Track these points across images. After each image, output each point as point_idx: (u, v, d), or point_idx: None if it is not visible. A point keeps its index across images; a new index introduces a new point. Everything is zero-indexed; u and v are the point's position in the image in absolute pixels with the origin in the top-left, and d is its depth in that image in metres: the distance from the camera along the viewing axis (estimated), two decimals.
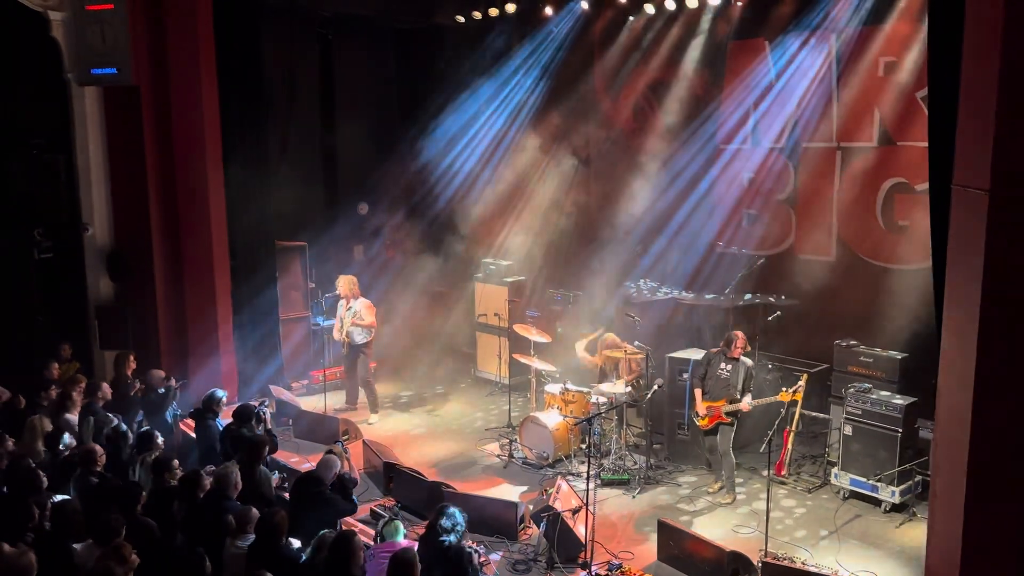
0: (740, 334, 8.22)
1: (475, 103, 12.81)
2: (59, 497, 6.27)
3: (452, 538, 5.93)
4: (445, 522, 5.96)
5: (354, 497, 7.00)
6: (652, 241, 11.32)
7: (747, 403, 8.05)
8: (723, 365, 8.21)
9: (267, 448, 7.29)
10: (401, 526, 6.36)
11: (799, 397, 7.81)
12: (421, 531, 6.47)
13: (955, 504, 5.49)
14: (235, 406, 8.31)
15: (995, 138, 5.01)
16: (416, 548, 5.86)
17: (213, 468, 6.90)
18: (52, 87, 10.28)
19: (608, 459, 8.97)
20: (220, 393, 8.47)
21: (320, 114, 13.19)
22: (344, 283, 10.61)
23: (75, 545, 5.55)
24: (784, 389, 7.86)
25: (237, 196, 10.78)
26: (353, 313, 10.48)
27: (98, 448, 6.88)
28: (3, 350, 9.82)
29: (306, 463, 8.75)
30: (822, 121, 10.00)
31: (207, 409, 8.33)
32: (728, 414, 8.15)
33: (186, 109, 10.19)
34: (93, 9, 9.81)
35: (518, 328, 10.31)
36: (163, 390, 8.90)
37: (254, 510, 5.92)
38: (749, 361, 8.29)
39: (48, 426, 7.62)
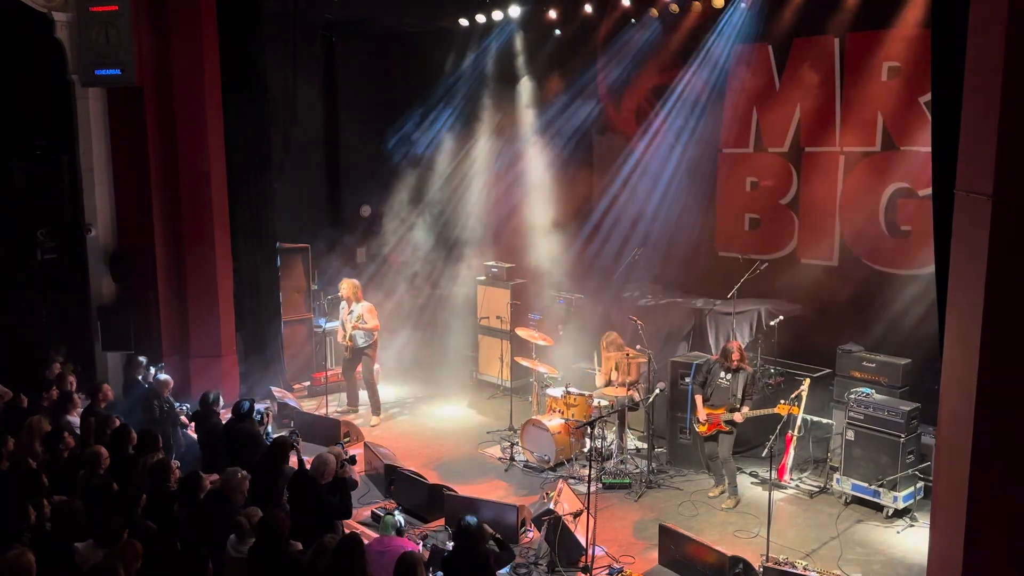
0: (735, 345, 8.21)
1: (478, 106, 12.83)
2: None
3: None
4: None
5: (348, 500, 6.80)
6: (654, 245, 11.31)
7: (742, 414, 8.03)
8: (723, 374, 8.20)
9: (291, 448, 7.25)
10: (394, 521, 6.29)
11: (796, 411, 7.78)
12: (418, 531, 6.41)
13: (957, 510, 5.47)
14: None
15: (999, 143, 4.99)
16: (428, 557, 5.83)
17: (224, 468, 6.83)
18: (56, 88, 10.30)
19: (610, 463, 8.96)
20: (213, 393, 8.49)
21: (323, 116, 13.22)
22: (347, 286, 10.62)
23: (76, 544, 5.54)
24: (782, 401, 7.84)
25: (239, 197, 10.80)
26: (355, 317, 10.49)
27: (103, 451, 6.87)
28: (5, 350, 9.82)
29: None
30: (825, 125, 9.99)
31: (207, 410, 8.33)
32: (726, 423, 8.14)
33: (189, 110, 10.21)
34: (97, 10, 9.82)
35: (520, 332, 10.31)
36: (168, 406, 8.92)
37: (257, 512, 5.90)
38: (749, 369, 8.26)
39: (47, 427, 7.60)
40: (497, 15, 11.83)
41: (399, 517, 6.37)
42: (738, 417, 8.03)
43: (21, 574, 4.83)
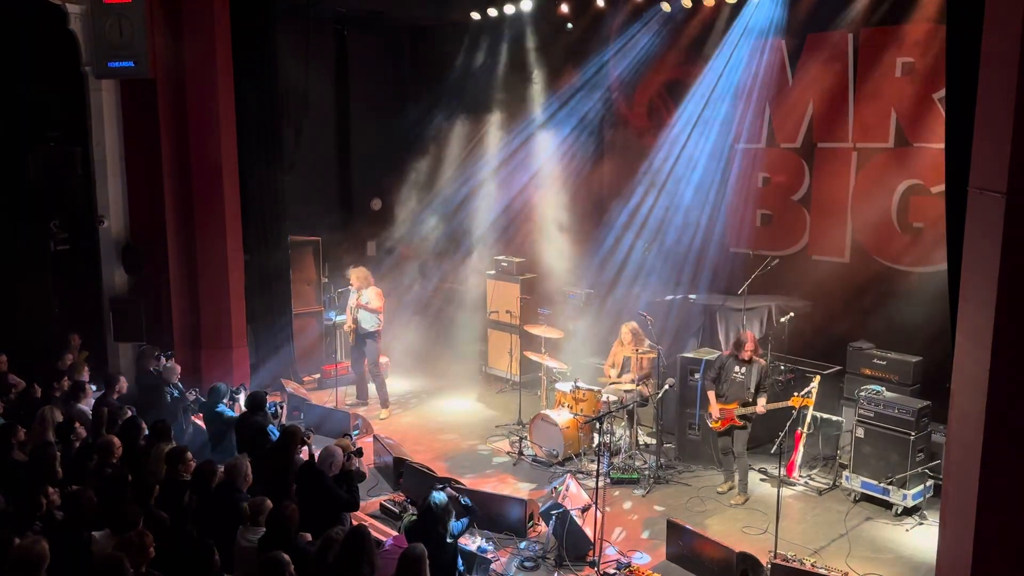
0: (750, 335, 8.19)
1: (489, 100, 12.82)
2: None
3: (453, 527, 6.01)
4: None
5: (356, 493, 6.83)
6: (665, 240, 11.29)
7: (762, 406, 8.00)
8: (737, 368, 8.17)
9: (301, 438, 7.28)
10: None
11: (810, 402, 7.77)
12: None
13: (966, 509, 5.45)
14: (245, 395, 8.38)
15: (1013, 141, 4.95)
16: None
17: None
18: (69, 80, 10.35)
19: (618, 458, 8.96)
20: (223, 385, 8.53)
21: (335, 109, 13.24)
22: (355, 275, 10.66)
23: (94, 533, 5.57)
24: (795, 394, 7.82)
25: (251, 190, 10.84)
26: (363, 299, 10.52)
27: (116, 440, 6.92)
28: (19, 340, 9.89)
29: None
30: (838, 121, 9.94)
31: (214, 401, 8.37)
32: (741, 417, 8.12)
33: (202, 103, 10.24)
34: (111, 2, 9.83)
35: (530, 329, 10.33)
36: (177, 392, 8.97)
37: (267, 502, 5.93)
38: (763, 362, 8.25)
39: (59, 417, 7.65)
40: (509, 9, 11.80)
41: None
42: (759, 409, 8.00)
43: (35, 562, 4.87)
